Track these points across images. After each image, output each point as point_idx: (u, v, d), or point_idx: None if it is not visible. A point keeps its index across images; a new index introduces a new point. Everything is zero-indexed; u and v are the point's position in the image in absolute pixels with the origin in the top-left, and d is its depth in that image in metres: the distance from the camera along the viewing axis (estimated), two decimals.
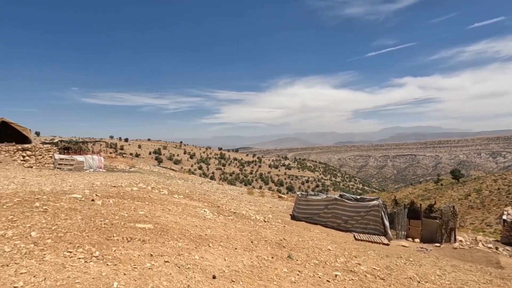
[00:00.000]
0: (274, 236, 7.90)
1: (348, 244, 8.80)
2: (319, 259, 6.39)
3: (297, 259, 6.04)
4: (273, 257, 5.79)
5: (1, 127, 20.81)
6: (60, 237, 4.30)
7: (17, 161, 16.48)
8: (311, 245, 7.72)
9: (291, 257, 6.05)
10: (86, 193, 8.00)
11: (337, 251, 7.54)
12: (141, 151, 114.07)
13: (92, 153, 23.75)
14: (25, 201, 5.97)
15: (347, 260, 6.73)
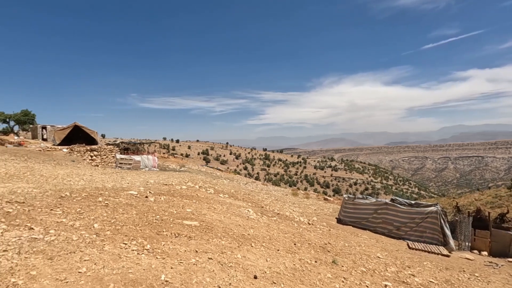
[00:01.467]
0: (318, 239, 7.67)
1: (401, 253, 8.13)
2: (367, 266, 6.02)
3: (342, 265, 5.77)
4: (316, 261, 5.62)
5: (74, 131, 23.82)
6: (117, 229, 4.73)
7: (86, 160, 18.67)
8: (358, 251, 7.31)
9: (336, 263, 5.81)
10: (141, 190, 8.70)
11: (387, 259, 7.02)
12: (190, 152, 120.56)
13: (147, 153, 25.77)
14: (91, 196, 6.72)
15: (399, 270, 6.22)
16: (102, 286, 2.95)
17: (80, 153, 19.06)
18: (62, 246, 3.65)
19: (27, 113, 29.65)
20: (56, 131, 23.28)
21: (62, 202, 5.73)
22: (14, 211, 4.68)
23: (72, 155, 18.80)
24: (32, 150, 18.42)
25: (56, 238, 3.86)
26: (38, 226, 4.19)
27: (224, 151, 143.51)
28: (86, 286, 2.90)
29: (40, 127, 26.78)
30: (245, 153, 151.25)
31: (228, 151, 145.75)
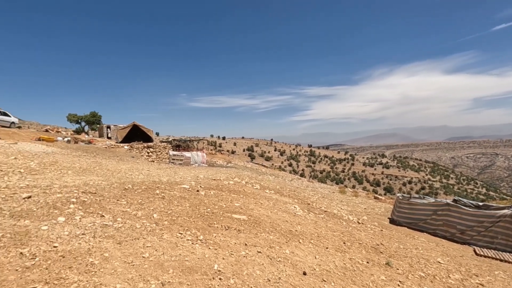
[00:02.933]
0: (370, 239, 7.30)
1: (466, 259, 7.33)
2: (426, 271, 5.56)
3: (397, 267, 5.42)
4: (368, 262, 5.37)
5: (133, 129, 26.14)
6: (173, 220, 5.09)
7: (144, 156, 20.37)
8: (415, 254, 6.79)
9: (390, 265, 5.48)
10: (192, 184, 9.22)
11: (450, 265, 6.39)
12: (236, 148, 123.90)
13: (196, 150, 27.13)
14: (149, 188, 7.33)
15: (464, 277, 5.63)
16: (162, 271, 3.21)
17: (139, 150, 20.87)
18: (128, 233, 4.06)
19: (95, 114, 33.47)
20: (118, 130, 25.82)
21: (126, 194, 6.36)
22: (88, 200, 5.33)
23: (131, 151, 20.68)
24: (100, 147, 20.70)
25: (122, 225, 4.30)
26: (108, 214, 4.72)
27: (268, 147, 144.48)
28: (149, 269, 3.18)
29: (105, 126, 29.98)
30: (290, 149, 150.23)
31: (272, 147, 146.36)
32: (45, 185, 6.30)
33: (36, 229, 3.61)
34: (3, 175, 6.95)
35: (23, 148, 13.85)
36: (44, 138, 18.49)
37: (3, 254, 2.88)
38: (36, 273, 2.68)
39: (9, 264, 2.73)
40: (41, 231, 3.58)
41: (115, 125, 29.32)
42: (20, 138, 17.12)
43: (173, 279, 3.11)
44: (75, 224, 4.05)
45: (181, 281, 3.10)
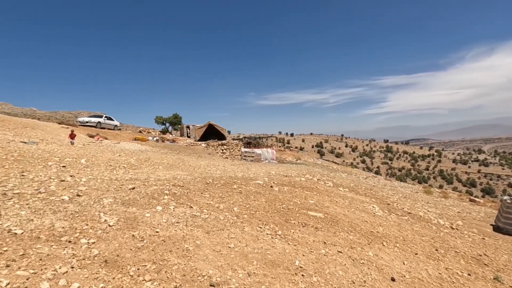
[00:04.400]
0: (469, 248, 6.29)
1: None
2: None
3: (510, 284, 4.53)
4: (470, 274, 4.63)
5: (209, 128, 28.23)
6: (252, 214, 5.31)
7: (219, 153, 21.83)
8: None
9: (499, 280, 4.62)
10: (266, 180, 9.45)
11: None
12: (304, 145, 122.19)
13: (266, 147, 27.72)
14: (227, 183, 7.81)
15: None
16: (247, 262, 3.37)
17: (214, 147, 22.46)
18: (214, 224, 4.40)
19: (176, 116, 37.49)
20: (196, 130, 28.27)
21: (208, 188, 6.91)
22: (178, 192, 5.98)
23: (208, 149, 22.39)
24: (181, 145, 23.03)
25: (208, 217, 4.69)
26: (195, 206, 5.20)
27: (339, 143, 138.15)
28: (235, 259, 3.38)
29: (185, 126, 33.21)
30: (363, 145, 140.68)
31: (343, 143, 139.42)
32: (143, 178, 7.31)
33: (141, 215, 4.22)
34: (112, 169, 8.34)
35: (124, 146, 16.36)
36: (138, 138, 21.53)
37: (120, 235, 3.46)
38: (145, 253, 3.13)
39: (125, 244, 3.25)
40: (145, 217, 4.17)
41: (193, 125, 32.20)
42: (121, 139, 20.30)
43: (258, 270, 3.23)
44: (170, 213, 4.58)
45: (265, 273, 3.21)
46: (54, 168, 7.10)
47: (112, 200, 4.78)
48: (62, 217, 3.72)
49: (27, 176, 5.87)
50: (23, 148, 9.15)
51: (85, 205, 4.36)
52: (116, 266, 2.78)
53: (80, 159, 9.03)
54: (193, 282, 2.77)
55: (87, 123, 22.29)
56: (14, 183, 5.14)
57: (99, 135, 18.30)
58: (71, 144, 12.74)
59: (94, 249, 3.00)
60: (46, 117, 30.57)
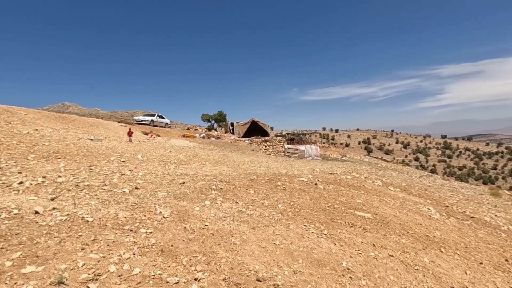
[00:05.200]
0: None
1: None
2: None
3: None
4: None
5: (252, 125, 28.65)
6: (297, 212, 5.28)
7: (262, 149, 22.04)
8: None
9: None
10: (310, 178, 9.30)
11: None
12: (350, 141, 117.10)
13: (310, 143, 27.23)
14: (271, 180, 7.87)
15: None
16: (293, 259, 3.38)
17: (257, 144, 22.74)
18: (259, 220, 4.48)
19: (221, 113, 38.75)
20: (240, 126, 28.90)
21: (252, 184, 7.04)
22: (224, 188, 6.20)
23: (251, 145, 22.74)
24: (226, 142, 23.75)
25: (254, 212, 4.79)
26: (241, 201, 5.35)
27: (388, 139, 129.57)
28: (281, 256, 3.41)
29: (229, 123, 34.13)
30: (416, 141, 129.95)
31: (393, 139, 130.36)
32: (192, 173, 7.73)
33: (191, 209, 4.48)
34: (164, 164, 8.96)
35: (174, 143, 17.42)
36: (186, 135, 22.75)
37: (174, 226, 3.72)
38: (196, 245, 3.32)
39: (178, 235, 3.49)
40: (195, 211, 4.42)
41: (237, 122, 32.95)
42: (172, 136, 21.65)
43: (303, 269, 3.22)
44: (217, 207, 4.79)
45: (311, 272, 3.18)
46: (115, 163, 7.87)
47: (166, 194, 5.16)
48: (124, 207, 4.12)
49: (94, 169, 6.61)
50: (90, 144, 10.30)
51: (143, 198, 4.77)
52: (170, 255, 3.00)
53: (137, 155, 9.87)
54: (240, 276, 2.87)
55: (142, 121, 24.22)
56: (84, 176, 5.84)
57: (152, 133, 19.76)
58: (129, 141, 13.98)
59: (151, 238, 3.27)
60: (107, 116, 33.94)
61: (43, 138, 9.23)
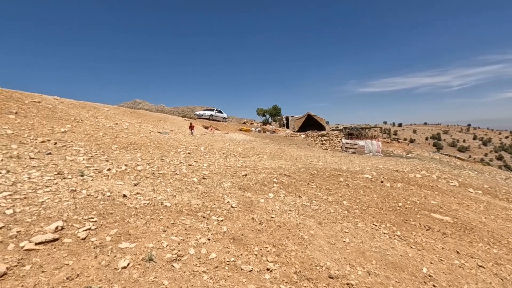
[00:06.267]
0: None
1: None
2: None
3: None
4: None
5: (307, 119, 28.06)
6: (364, 210, 4.99)
7: (318, 144, 21.46)
8: None
9: None
10: (374, 175, 8.72)
11: None
12: (416, 136, 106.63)
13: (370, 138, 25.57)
14: (333, 175, 7.58)
15: None
16: (365, 260, 3.19)
17: (313, 138, 22.21)
18: (324, 216, 4.35)
19: (276, 107, 38.81)
20: (295, 120, 28.55)
21: (313, 179, 6.88)
22: (285, 181, 6.18)
23: (307, 139, 22.31)
24: (281, 136, 23.73)
25: (318, 208, 4.66)
26: (304, 196, 5.27)
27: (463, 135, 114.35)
28: (352, 255, 3.25)
29: (284, 117, 34.00)
30: (500, 137, 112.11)
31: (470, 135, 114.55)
32: (252, 166, 7.89)
33: (256, 200, 4.56)
34: (225, 157, 9.33)
35: (232, 137, 18.05)
36: (243, 129, 23.37)
37: (242, 216, 3.83)
38: (265, 236, 3.37)
39: (247, 225, 3.58)
40: (260, 202, 4.49)
41: (292, 116, 32.63)
42: (229, 130, 22.49)
43: (378, 271, 3.01)
44: (281, 200, 4.79)
45: (388, 275, 2.96)
46: (182, 154, 8.47)
47: (230, 185, 5.35)
48: (196, 195, 4.40)
49: (165, 159, 7.21)
50: (159, 137, 11.29)
51: (210, 187, 5.02)
52: (242, 244, 3.09)
53: (200, 147, 10.48)
54: (311, 271, 2.81)
55: (202, 116, 25.66)
56: (158, 165, 6.40)
57: (212, 126, 20.79)
58: (191, 134, 14.94)
59: (223, 226, 3.42)
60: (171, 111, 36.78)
61: (122, 131, 10.41)
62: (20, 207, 3.04)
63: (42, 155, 5.53)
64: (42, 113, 9.49)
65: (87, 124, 9.94)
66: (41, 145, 6.24)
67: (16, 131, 6.80)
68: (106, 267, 2.30)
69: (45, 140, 6.64)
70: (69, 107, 11.92)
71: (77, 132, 8.35)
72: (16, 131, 6.83)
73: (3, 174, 4.02)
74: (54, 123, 8.71)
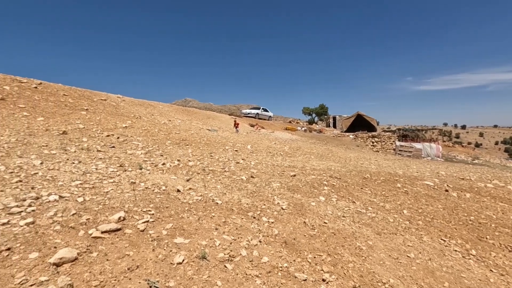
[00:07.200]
0: None
1: None
2: None
3: None
4: None
5: (357, 119, 26.66)
6: (428, 221, 4.46)
7: (368, 146, 20.23)
8: None
9: None
10: (436, 182, 7.85)
11: None
12: (482, 140, 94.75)
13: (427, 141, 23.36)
14: (388, 180, 6.99)
15: None
16: (435, 280, 2.80)
17: (363, 139, 21.00)
18: (383, 225, 3.97)
19: (323, 106, 37.68)
20: (343, 120, 27.34)
21: (366, 183, 6.41)
22: (336, 184, 5.85)
23: (356, 140, 21.18)
24: (328, 136, 22.92)
25: (376, 216, 4.29)
26: (358, 201, 4.91)
27: None
28: (418, 273, 2.88)
29: (331, 117, 32.83)
30: None
31: None
32: (300, 166, 7.66)
33: (307, 203, 4.36)
34: (272, 156, 9.24)
35: (277, 135, 17.92)
36: (288, 128, 23.09)
37: (293, 219, 3.67)
38: (318, 242, 3.17)
39: (299, 229, 3.42)
40: (311, 206, 4.28)
41: (340, 115, 31.34)
42: (274, 128, 22.41)
43: None
44: (333, 205, 4.51)
45: None
46: (230, 152, 8.59)
47: (279, 185, 5.22)
48: (245, 194, 4.36)
49: (214, 156, 7.36)
50: (208, 134, 11.65)
51: (259, 186, 4.95)
52: (294, 249, 2.94)
53: (247, 145, 10.55)
54: (372, 287, 2.54)
55: (248, 114, 26.01)
56: (207, 162, 6.54)
57: (258, 125, 20.92)
58: (236, 131, 15.18)
59: (274, 228, 3.30)
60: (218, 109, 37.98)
61: (174, 128, 10.96)
62: (89, 195, 3.29)
63: (107, 148, 6.03)
64: (108, 110, 10.43)
65: (145, 121, 10.67)
66: (106, 139, 6.82)
67: (86, 126, 7.54)
68: (162, 261, 2.34)
69: (110, 134, 7.25)
70: (129, 105, 12.95)
71: (136, 127, 8.99)
72: (86, 125, 7.58)
73: (75, 164, 4.44)
74: (117, 119, 9.51)
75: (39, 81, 10.82)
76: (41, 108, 8.16)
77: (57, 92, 10.32)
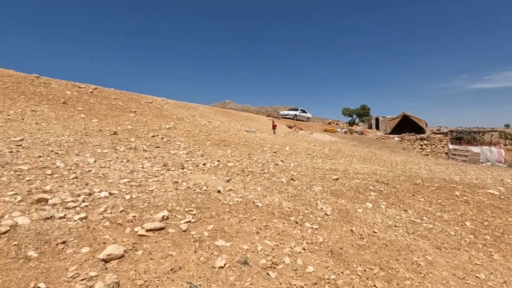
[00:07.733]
0: None
1: None
2: None
3: None
4: None
5: (402, 120, 24.92)
6: (497, 236, 3.88)
7: (416, 149, 18.74)
8: None
9: None
10: (501, 190, 6.90)
11: None
12: None
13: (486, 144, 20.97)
14: (444, 187, 6.31)
15: None
16: None
17: (410, 142, 19.53)
18: (443, 239, 3.53)
19: (364, 107, 35.96)
20: (387, 121, 25.73)
21: (418, 189, 5.85)
22: (384, 190, 5.41)
23: (402, 143, 19.76)
24: (370, 138, 21.73)
25: (433, 227, 3.84)
26: (410, 210, 4.46)
27: None
28: None
29: (374, 118, 31.14)
30: None
31: None
32: (342, 169, 7.27)
33: (353, 210, 4.06)
34: (312, 158, 8.93)
35: (316, 137, 17.42)
36: (328, 129, 22.37)
37: (339, 226, 3.42)
38: (369, 254, 2.89)
39: (345, 238, 3.17)
40: (357, 212, 3.98)
41: (383, 116, 29.59)
42: (313, 130, 21.85)
43: None
44: (382, 213, 4.15)
45: None
46: (268, 153, 8.48)
47: (321, 189, 4.97)
48: (286, 197, 4.20)
49: (252, 157, 7.31)
50: (246, 135, 11.68)
51: (300, 190, 4.75)
52: (341, 260, 2.71)
53: (285, 147, 10.36)
54: None
55: (286, 115, 25.75)
56: (246, 163, 6.50)
57: (296, 126, 20.58)
58: (273, 133, 15.04)
59: (318, 236, 3.10)
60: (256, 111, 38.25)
61: (214, 129, 11.17)
62: (136, 193, 3.39)
63: (152, 148, 6.30)
64: (153, 112, 10.99)
65: (186, 122, 11.04)
66: (151, 139, 7.14)
67: (134, 127, 7.98)
68: (204, 263, 2.29)
69: (155, 135, 7.59)
70: (172, 107, 13.53)
71: (178, 128, 9.32)
72: (134, 126, 8.03)
73: (124, 163, 4.67)
74: (161, 120, 9.96)
75: (94, 86, 11.78)
76: (96, 110, 8.85)
77: (109, 96, 11.14)
